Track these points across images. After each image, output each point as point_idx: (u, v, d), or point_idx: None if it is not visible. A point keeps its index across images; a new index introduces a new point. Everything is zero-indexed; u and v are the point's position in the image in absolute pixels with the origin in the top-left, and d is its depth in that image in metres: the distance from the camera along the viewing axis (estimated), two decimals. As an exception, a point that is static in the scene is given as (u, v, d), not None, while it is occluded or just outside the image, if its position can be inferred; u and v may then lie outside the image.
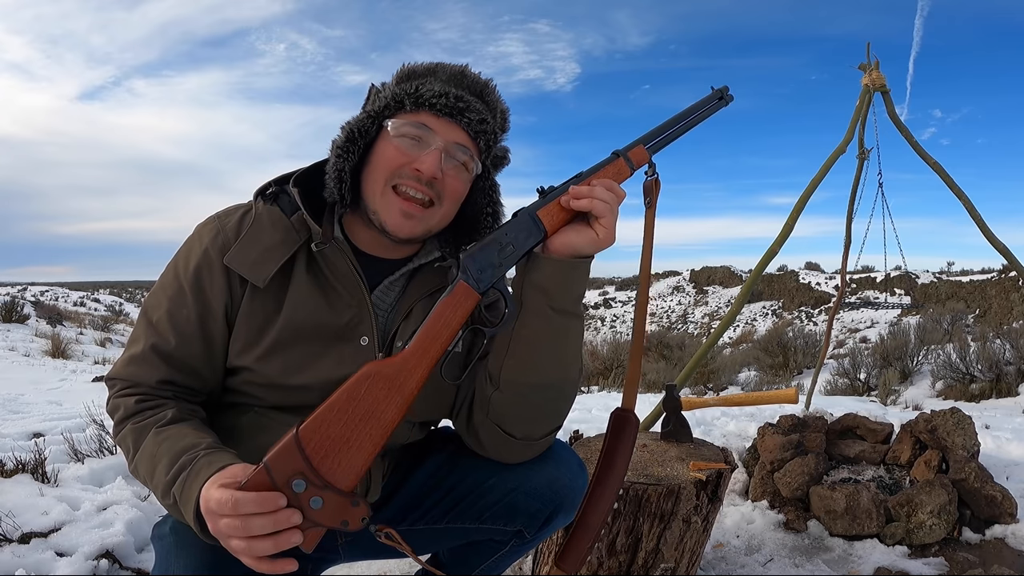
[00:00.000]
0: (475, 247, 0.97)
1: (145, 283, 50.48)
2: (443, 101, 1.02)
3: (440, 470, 1.25)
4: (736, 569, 2.07)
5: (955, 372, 7.54)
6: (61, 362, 8.21)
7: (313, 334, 1.06)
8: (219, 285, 1.04)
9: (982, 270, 25.63)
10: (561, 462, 1.20)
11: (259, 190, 1.11)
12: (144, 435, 0.97)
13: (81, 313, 18.07)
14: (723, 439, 3.08)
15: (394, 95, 1.03)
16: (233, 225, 1.06)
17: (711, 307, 35.93)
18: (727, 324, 2.93)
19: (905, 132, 3.17)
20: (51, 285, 31.97)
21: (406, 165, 1.02)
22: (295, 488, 0.80)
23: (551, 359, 1.06)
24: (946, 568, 2.02)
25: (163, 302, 1.05)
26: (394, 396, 0.87)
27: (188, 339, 1.04)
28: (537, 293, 1.01)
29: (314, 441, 0.82)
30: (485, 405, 1.09)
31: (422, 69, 1.06)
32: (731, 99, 1.25)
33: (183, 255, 1.07)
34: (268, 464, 0.80)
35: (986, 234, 3.06)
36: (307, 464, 0.81)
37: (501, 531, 1.21)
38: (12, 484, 2.18)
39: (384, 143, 1.04)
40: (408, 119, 1.03)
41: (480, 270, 0.96)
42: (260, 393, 1.08)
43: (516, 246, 0.99)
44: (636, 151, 1.09)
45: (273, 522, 0.78)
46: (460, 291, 0.94)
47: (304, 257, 1.07)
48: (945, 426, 2.45)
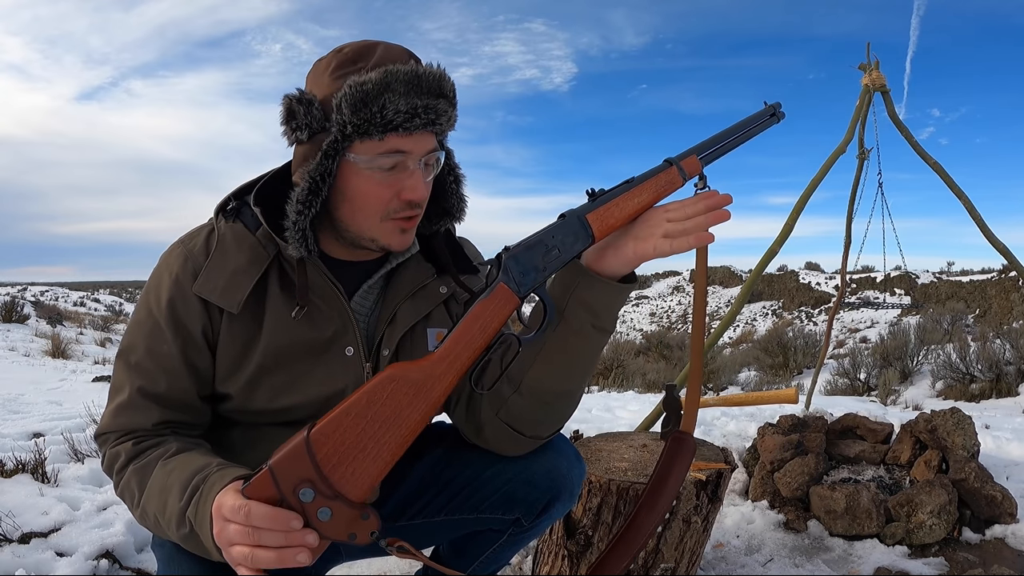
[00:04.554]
0: (518, 247, 0.90)
1: (145, 283, 50.23)
2: (416, 122, 0.92)
3: (437, 464, 1.25)
4: (736, 569, 2.07)
5: (955, 372, 7.54)
6: (61, 362, 8.21)
7: (297, 353, 1.02)
8: (195, 312, 0.98)
9: (982, 270, 25.64)
10: (558, 452, 1.20)
11: (219, 207, 1.05)
12: (149, 471, 0.92)
13: (81, 313, 18.07)
14: (723, 439, 3.08)
15: (355, 126, 0.91)
16: (200, 248, 1.01)
17: (711, 307, 35.92)
18: (727, 324, 2.93)
19: (905, 132, 3.17)
20: (51, 285, 31.96)
21: (394, 198, 0.97)
22: (302, 497, 0.74)
23: (580, 371, 1.04)
24: (946, 568, 2.02)
25: (140, 342, 0.99)
26: (419, 403, 0.80)
27: (175, 375, 0.98)
28: (584, 312, 0.97)
29: (327, 447, 0.76)
30: (498, 404, 1.06)
31: (374, 86, 0.90)
32: (783, 116, 1.17)
33: (153, 289, 1.01)
34: (273, 469, 0.74)
35: (986, 234, 3.06)
36: (317, 471, 0.75)
37: (499, 520, 1.21)
38: (12, 484, 2.18)
39: (356, 178, 0.96)
40: (376, 148, 0.94)
41: (523, 273, 0.89)
42: (249, 419, 1.06)
43: (562, 250, 0.91)
44: (689, 160, 1.01)
45: (286, 539, 0.74)
46: (500, 294, 0.87)
47: (276, 274, 1.02)
48: (945, 426, 2.45)
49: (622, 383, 9.42)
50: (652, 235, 0.94)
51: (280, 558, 0.73)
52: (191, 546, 0.86)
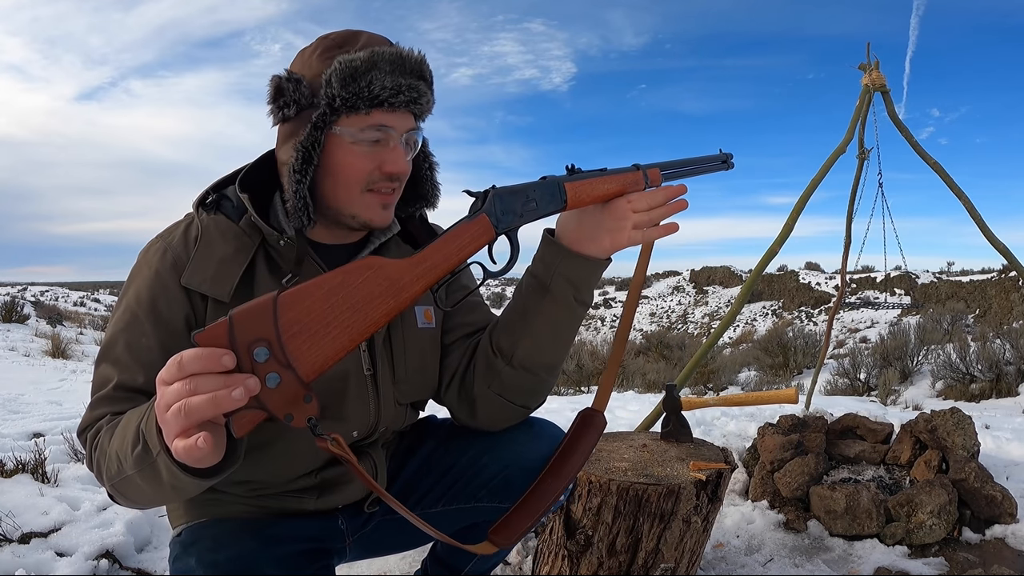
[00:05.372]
0: (504, 189, 0.97)
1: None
2: (400, 98, 0.99)
3: (434, 454, 1.27)
4: (736, 569, 2.07)
5: (955, 372, 7.54)
6: (61, 362, 8.21)
7: None
8: (177, 304, 0.99)
9: (982, 270, 25.63)
10: (553, 439, 1.23)
11: (198, 200, 1.07)
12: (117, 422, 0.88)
13: (81, 313, 18.07)
14: (723, 439, 3.08)
15: (343, 99, 0.97)
16: (179, 240, 1.02)
17: (711, 307, 35.94)
18: (727, 324, 2.93)
19: (905, 132, 3.17)
20: (51, 285, 31.94)
21: (375, 170, 1.02)
22: (256, 356, 0.69)
23: (564, 343, 1.14)
24: (946, 568, 2.02)
25: (119, 337, 0.98)
26: (389, 297, 0.80)
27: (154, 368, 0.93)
28: (567, 285, 1.08)
29: (291, 312, 0.72)
30: (491, 378, 1.13)
31: (362, 63, 0.97)
32: (732, 166, 1.35)
33: (132, 285, 1.02)
34: (233, 318, 0.69)
35: (986, 234, 3.06)
36: (276, 333, 0.70)
37: (496, 509, 1.22)
38: (12, 484, 2.18)
39: (341, 151, 1.00)
40: (362, 122, 0.99)
41: (503, 212, 0.96)
42: None
43: (539, 205, 1.00)
44: (654, 172, 1.14)
45: (224, 382, 0.66)
46: (481, 223, 0.93)
47: (263, 261, 1.04)
48: (945, 426, 2.45)
49: (622, 383, 9.43)
50: (623, 227, 1.06)
51: (215, 400, 0.65)
52: (145, 470, 0.79)
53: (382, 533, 1.28)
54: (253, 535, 1.07)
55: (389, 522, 1.27)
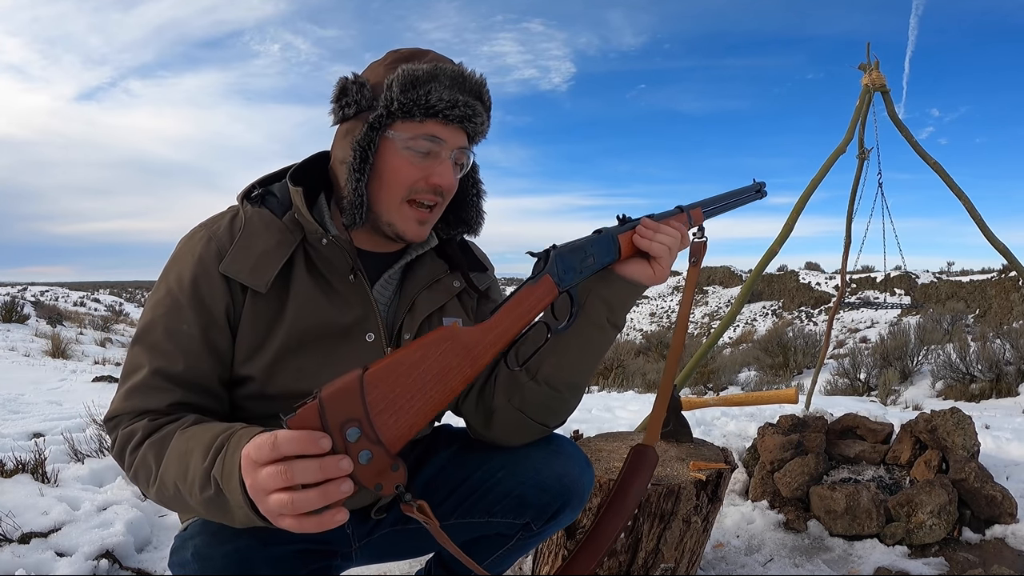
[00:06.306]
0: (565, 247, 1.01)
1: (145, 283, 50.52)
2: (455, 112, 1.02)
3: (448, 465, 1.26)
4: (736, 569, 2.07)
5: (955, 372, 7.54)
6: (61, 362, 8.21)
7: (319, 335, 1.05)
8: (219, 292, 1.00)
9: (982, 270, 25.61)
10: (569, 457, 1.23)
11: (244, 193, 1.09)
12: (168, 441, 0.89)
13: (81, 313, 18.07)
14: (723, 439, 3.08)
15: (400, 104, 0.99)
16: (224, 230, 1.03)
17: (711, 307, 35.92)
18: (727, 324, 2.93)
19: (905, 132, 3.17)
20: (51, 285, 31.96)
21: (421, 180, 1.03)
22: (348, 435, 0.71)
23: (591, 364, 1.14)
24: (946, 568, 2.02)
25: (159, 321, 0.99)
26: (466, 365, 0.83)
27: (195, 356, 0.98)
28: (602, 306, 1.10)
29: (378, 390, 0.74)
30: (514, 392, 1.13)
31: (424, 74, 1.00)
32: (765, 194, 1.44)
33: (174, 270, 1.02)
34: (323, 400, 0.70)
35: (986, 234, 3.06)
36: (365, 412, 0.72)
37: (510, 524, 1.22)
38: (12, 484, 2.18)
39: (392, 155, 1.02)
40: (416, 130, 1.01)
41: (564, 270, 0.99)
42: (264, 409, 1.04)
43: (596, 260, 1.05)
44: (696, 211, 1.22)
45: (320, 467, 0.68)
46: (545, 284, 0.96)
47: (302, 257, 1.06)
48: (945, 426, 2.45)
49: (622, 383, 9.43)
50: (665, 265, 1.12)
51: (324, 494, 0.68)
52: (214, 512, 0.82)
53: (391, 541, 1.27)
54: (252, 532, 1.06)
55: (399, 532, 1.26)
